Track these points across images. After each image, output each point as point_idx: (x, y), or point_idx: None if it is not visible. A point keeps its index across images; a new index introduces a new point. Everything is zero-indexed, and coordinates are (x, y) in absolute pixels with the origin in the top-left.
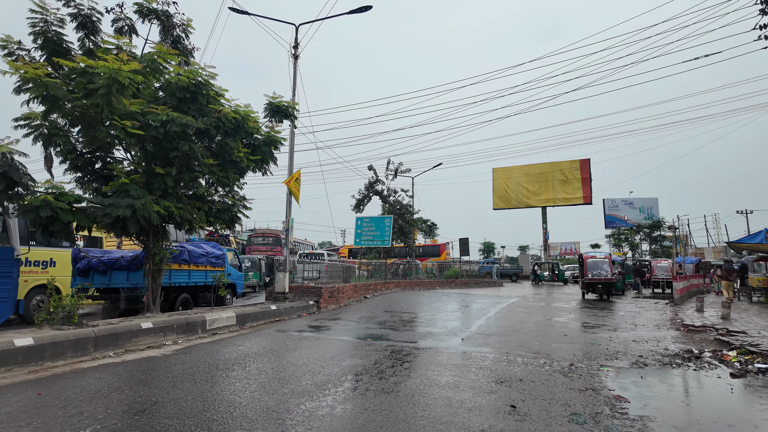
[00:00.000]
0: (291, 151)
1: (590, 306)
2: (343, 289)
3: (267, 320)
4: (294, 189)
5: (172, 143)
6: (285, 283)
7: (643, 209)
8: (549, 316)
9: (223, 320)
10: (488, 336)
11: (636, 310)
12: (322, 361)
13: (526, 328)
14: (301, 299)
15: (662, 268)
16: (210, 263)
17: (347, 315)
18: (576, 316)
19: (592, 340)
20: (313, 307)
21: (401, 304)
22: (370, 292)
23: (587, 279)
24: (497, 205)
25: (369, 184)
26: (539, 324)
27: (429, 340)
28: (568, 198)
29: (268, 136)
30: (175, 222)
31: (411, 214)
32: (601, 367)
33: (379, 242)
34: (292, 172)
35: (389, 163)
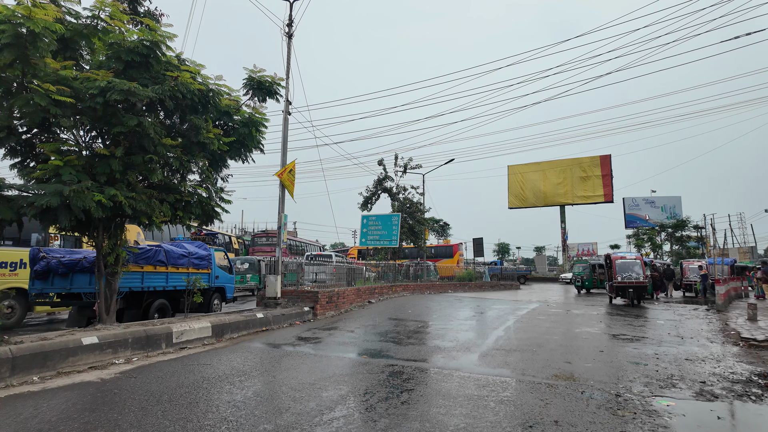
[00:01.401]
0: (284, 140)
1: (621, 313)
2: (344, 293)
3: (251, 331)
4: (287, 182)
5: (116, 117)
6: (276, 287)
7: (665, 208)
8: (576, 325)
9: (194, 332)
10: (508, 352)
11: (675, 318)
12: (298, 391)
13: (552, 341)
14: (295, 305)
15: (694, 270)
16: (193, 265)
17: (346, 324)
18: (608, 325)
19: (635, 358)
20: (309, 314)
21: (408, 311)
22: (375, 296)
23: (616, 282)
24: (512, 203)
25: (377, 181)
26: (567, 336)
27: (437, 358)
28: (588, 196)
29: (246, 116)
30: (124, 215)
31: (422, 213)
32: (655, 398)
33: (387, 242)
34: (285, 164)
35: (397, 158)
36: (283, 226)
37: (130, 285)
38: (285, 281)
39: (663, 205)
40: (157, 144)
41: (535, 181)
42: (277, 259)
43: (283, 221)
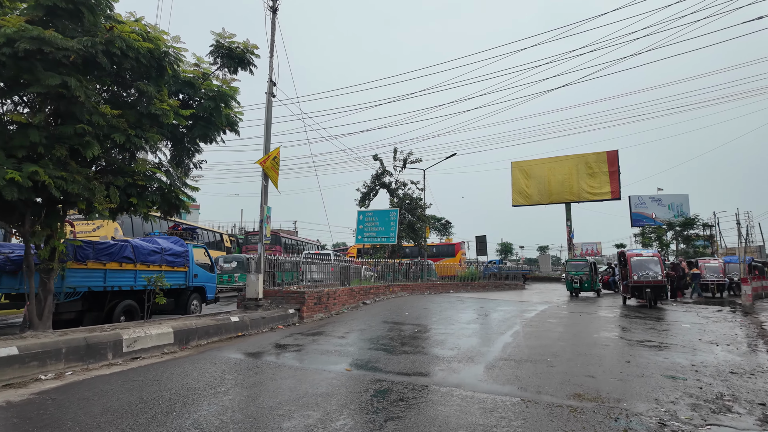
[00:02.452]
0: (267, 124)
1: (639, 315)
2: (335, 294)
3: (223, 337)
4: (271, 170)
5: (32, 74)
6: (257, 287)
7: (672, 207)
8: (593, 330)
9: (151, 338)
10: (519, 363)
11: (700, 321)
12: (253, 420)
13: (568, 349)
14: (279, 307)
15: (712, 269)
16: (166, 262)
17: (334, 328)
18: (627, 329)
19: (669, 370)
20: (294, 316)
21: (405, 313)
22: (370, 296)
23: (632, 281)
24: (516, 201)
25: (375, 176)
26: (585, 342)
27: (435, 370)
28: (594, 193)
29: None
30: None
31: (422, 209)
32: (711, 428)
33: (384, 239)
34: (268, 151)
35: (396, 152)
36: (265, 219)
37: (89, 284)
38: (279, 281)
39: (670, 204)
40: (92, 113)
41: (540, 178)
42: (259, 256)
43: (265, 214)
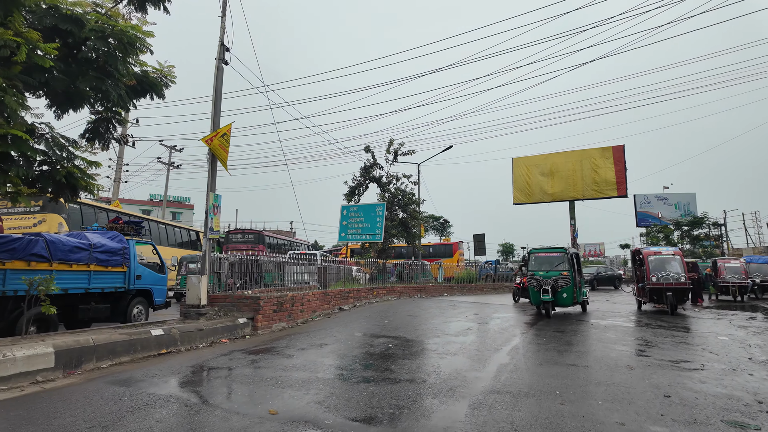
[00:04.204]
0: (216, 95)
1: (662, 324)
2: (302, 299)
3: (138, 355)
4: (219, 149)
5: None
6: (200, 291)
7: (679, 206)
8: (609, 345)
9: (17, 363)
10: (517, 399)
11: (737, 332)
12: None
13: (581, 374)
14: (228, 316)
15: (733, 270)
16: (97, 261)
17: (290, 342)
18: (652, 344)
19: (729, 411)
20: (245, 327)
21: (384, 322)
22: (349, 301)
23: (651, 284)
24: (518, 199)
25: (364, 169)
26: (602, 364)
27: (399, 413)
28: (600, 190)
29: (105, 27)
30: None
31: (415, 205)
32: None
33: (370, 236)
34: (217, 127)
35: (391, 143)
36: (212, 208)
37: None
38: (268, 282)
39: (677, 203)
40: None
41: (542, 175)
42: (204, 254)
43: (212, 202)
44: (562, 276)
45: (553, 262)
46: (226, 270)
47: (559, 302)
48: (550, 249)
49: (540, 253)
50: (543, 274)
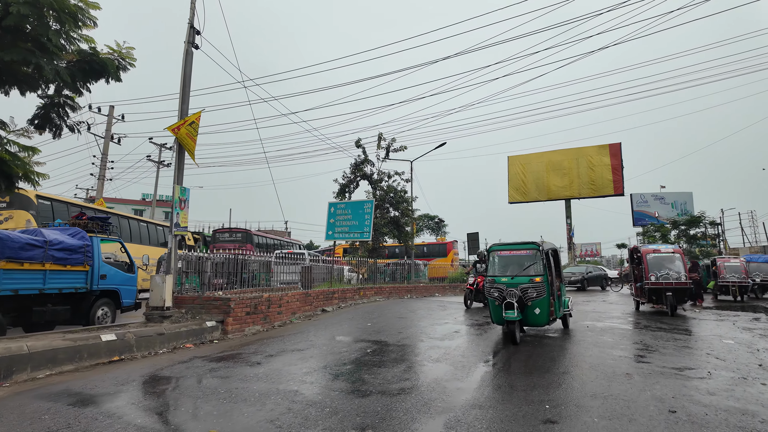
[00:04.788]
0: (184, 81)
1: (662, 326)
2: (280, 300)
3: (85, 363)
4: (186, 139)
5: None
6: (164, 292)
7: (675, 205)
8: (606, 350)
9: None
10: (501, 415)
11: (743, 335)
12: None
13: (576, 384)
14: (195, 318)
15: (733, 269)
16: (53, 259)
17: (260, 348)
18: (652, 348)
19: (742, 430)
20: (213, 331)
21: (367, 324)
22: (333, 302)
23: (649, 283)
24: (513, 198)
25: (355, 165)
26: (598, 371)
27: None
28: (596, 189)
29: None
30: None
31: (407, 203)
32: None
33: (358, 234)
34: (185, 115)
35: (381, 139)
36: (178, 202)
37: None
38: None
39: (673, 202)
40: None
41: (538, 173)
42: (170, 252)
43: (179, 195)
44: (534, 283)
45: (521, 264)
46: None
47: (529, 320)
48: (517, 245)
49: (503, 251)
50: (507, 281)
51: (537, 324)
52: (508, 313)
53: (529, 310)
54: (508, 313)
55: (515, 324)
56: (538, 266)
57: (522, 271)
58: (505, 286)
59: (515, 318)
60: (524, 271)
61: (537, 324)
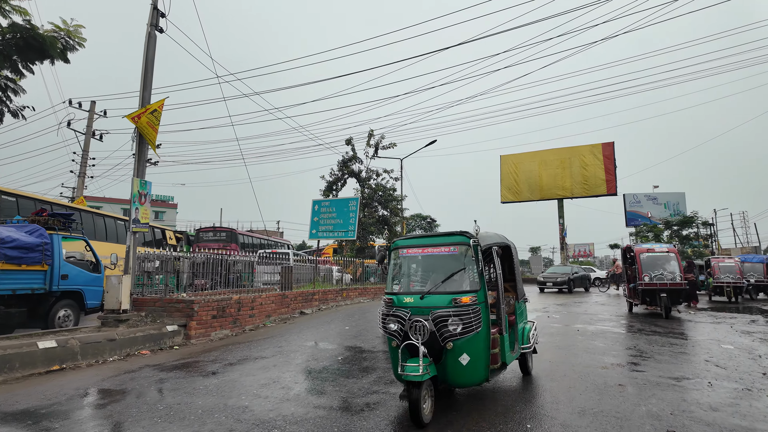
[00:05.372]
0: (147, 66)
1: (657, 330)
2: (252, 302)
3: (17, 374)
4: (147, 128)
5: None
6: (121, 293)
7: (668, 205)
8: (597, 354)
9: None
10: None
11: (742, 339)
12: None
13: (562, 397)
14: (155, 322)
15: (728, 269)
16: (6, 258)
17: (223, 355)
18: (646, 354)
19: None
20: (175, 335)
21: (346, 327)
22: (313, 304)
23: (643, 284)
24: (506, 197)
25: (342, 162)
26: (588, 381)
27: None
28: (589, 188)
29: None
30: None
31: (396, 201)
32: None
33: (342, 233)
34: (146, 103)
35: (371, 135)
36: (136, 197)
37: None
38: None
39: (666, 202)
40: None
41: (531, 172)
42: (128, 251)
43: (138, 189)
44: (458, 308)
45: (440, 270)
46: (187, 269)
47: (450, 376)
48: (433, 239)
49: (412, 248)
50: (413, 303)
51: (465, 383)
52: (411, 364)
53: (450, 358)
54: (411, 366)
55: (420, 387)
56: (469, 275)
57: (440, 283)
58: (408, 312)
59: (420, 377)
60: (444, 283)
61: (465, 383)
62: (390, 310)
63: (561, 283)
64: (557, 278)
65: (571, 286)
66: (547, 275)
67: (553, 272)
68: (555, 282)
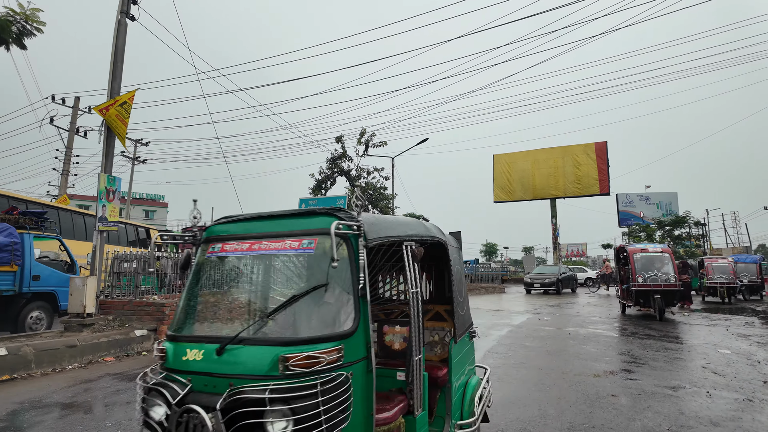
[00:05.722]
0: (115, 56)
1: (651, 333)
2: None
3: None
4: (116, 121)
5: None
6: (85, 296)
7: (660, 205)
8: (589, 361)
9: None
10: None
11: (739, 343)
12: None
13: (550, 411)
14: (123, 327)
15: (721, 269)
16: None
17: None
18: (640, 360)
19: None
20: (145, 340)
21: None
22: None
23: (636, 285)
24: (498, 197)
25: (331, 160)
26: (579, 393)
27: None
28: (582, 188)
29: None
30: None
31: (388, 200)
32: None
33: None
34: (116, 94)
35: (363, 134)
36: (104, 193)
37: None
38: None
39: (658, 202)
40: None
41: (524, 172)
42: (94, 251)
43: (105, 185)
44: (291, 380)
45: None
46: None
47: None
48: (273, 223)
49: (234, 243)
50: (199, 363)
51: None
52: None
53: None
54: None
55: None
56: (333, 300)
57: (264, 320)
58: (188, 383)
59: None
60: (272, 320)
61: None
62: (156, 375)
63: (549, 284)
64: (545, 279)
65: (559, 287)
66: (535, 276)
67: (541, 273)
68: (543, 283)
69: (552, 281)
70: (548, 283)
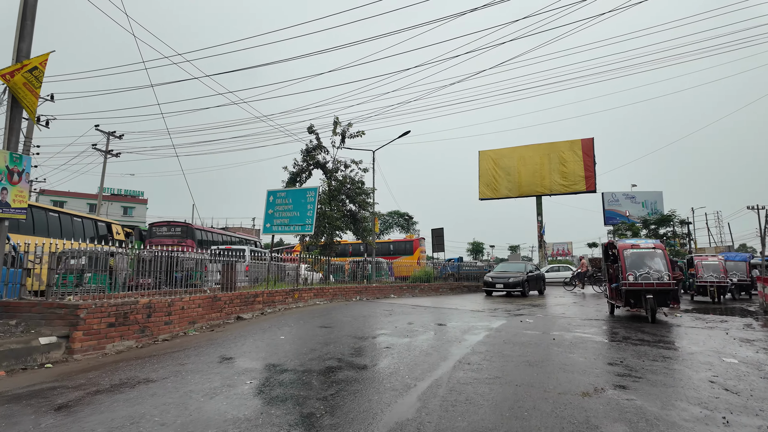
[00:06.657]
0: (24, 11)
1: (644, 338)
2: (171, 306)
3: None
4: (24, 90)
5: None
6: None
7: (646, 204)
8: (576, 373)
9: None
10: None
11: (742, 348)
12: None
13: None
14: (30, 332)
15: (711, 268)
16: None
17: (101, 378)
18: (634, 372)
19: None
20: (53, 349)
21: (281, 337)
22: (255, 307)
23: (628, 284)
24: (484, 194)
25: (306, 152)
26: (565, 420)
27: None
28: (568, 185)
29: None
30: None
31: (367, 195)
32: None
33: (298, 226)
34: (24, 57)
35: (337, 124)
36: (4, 174)
37: None
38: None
39: (644, 201)
40: None
41: (510, 168)
42: None
43: (8, 163)
44: None
45: None
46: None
47: None
48: None
49: None
50: None
51: None
52: None
53: None
54: None
55: None
56: None
57: None
58: None
59: None
60: None
61: None
62: None
63: (513, 284)
64: (509, 278)
65: (525, 288)
66: (497, 275)
67: (504, 270)
68: (506, 283)
69: (518, 281)
70: (512, 283)
